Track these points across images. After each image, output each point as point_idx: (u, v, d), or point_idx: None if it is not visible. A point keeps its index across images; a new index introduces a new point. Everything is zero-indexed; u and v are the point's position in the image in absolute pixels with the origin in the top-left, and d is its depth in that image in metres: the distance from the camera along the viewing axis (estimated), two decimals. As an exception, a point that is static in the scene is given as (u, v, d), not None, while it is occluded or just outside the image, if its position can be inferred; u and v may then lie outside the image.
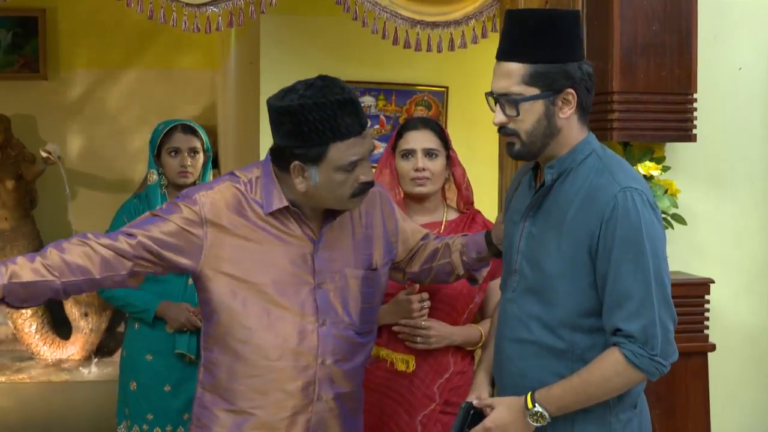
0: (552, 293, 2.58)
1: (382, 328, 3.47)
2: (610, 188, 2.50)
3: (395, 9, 4.05)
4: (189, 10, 3.90)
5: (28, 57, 7.16)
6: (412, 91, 5.29)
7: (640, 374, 2.49)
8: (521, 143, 2.58)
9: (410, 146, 3.48)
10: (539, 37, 2.53)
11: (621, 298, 2.48)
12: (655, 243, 2.49)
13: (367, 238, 2.95)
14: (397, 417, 3.47)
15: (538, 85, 2.51)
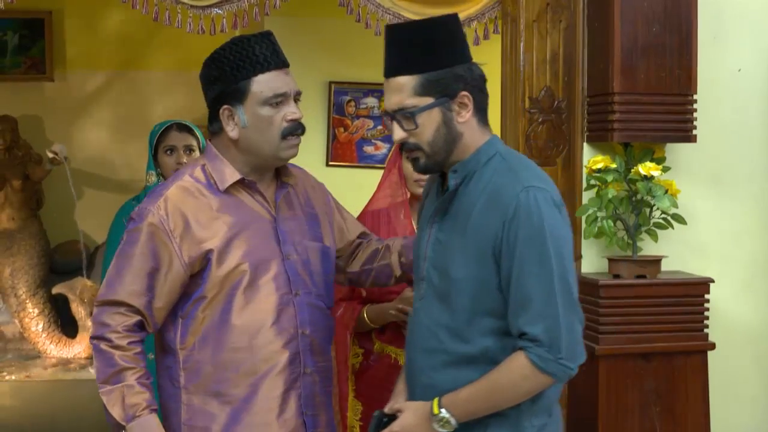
0: (459, 298, 2.49)
1: (386, 326, 3.48)
2: (512, 188, 2.43)
3: (398, 11, 4.06)
4: (194, 12, 3.91)
5: (35, 58, 7.15)
6: (415, 93, 5.27)
7: (547, 378, 2.40)
8: (425, 156, 2.52)
9: None
10: (423, 47, 2.48)
11: (524, 300, 2.40)
12: (559, 243, 2.41)
13: (312, 216, 2.97)
14: (399, 411, 3.47)
15: (432, 94, 2.46)
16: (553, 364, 2.38)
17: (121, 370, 2.69)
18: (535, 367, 2.38)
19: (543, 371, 2.38)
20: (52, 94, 7.22)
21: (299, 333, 2.81)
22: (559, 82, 3.95)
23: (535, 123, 3.94)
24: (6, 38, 7.11)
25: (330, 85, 5.14)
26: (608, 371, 3.79)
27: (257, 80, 2.72)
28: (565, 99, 3.95)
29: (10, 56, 7.14)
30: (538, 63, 3.94)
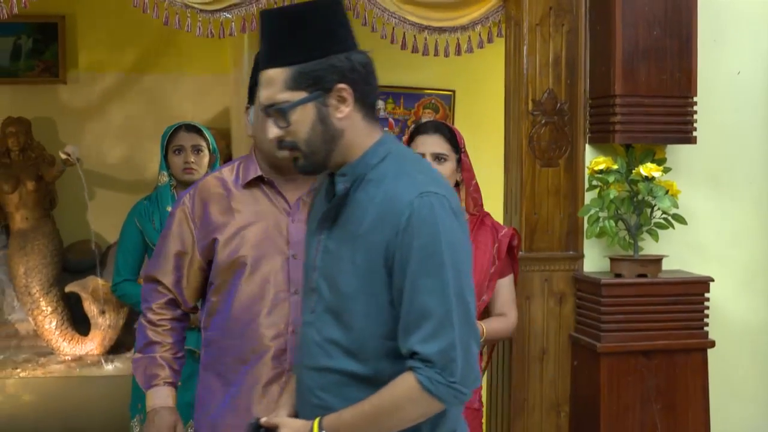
0: (350, 314, 2.22)
1: None
2: (406, 194, 2.14)
3: (403, 15, 4.06)
4: (203, 16, 3.91)
5: (48, 62, 7.16)
6: (420, 95, 5.29)
7: (437, 403, 2.12)
8: (303, 155, 2.23)
9: (419, 150, 3.49)
10: (295, 35, 2.19)
11: (418, 317, 2.11)
12: (456, 254, 2.14)
13: None
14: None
15: (304, 87, 2.17)
16: (444, 389, 2.10)
17: (150, 343, 2.91)
18: (425, 391, 2.10)
19: (431, 395, 2.10)
20: (65, 97, 7.23)
21: (289, 330, 2.83)
22: (561, 84, 3.96)
23: (538, 125, 3.95)
24: (20, 42, 7.12)
25: (337, 87, 5.13)
26: (610, 368, 3.80)
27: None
28: (567, 101, 3.96)
29: (24, 59, 7.15)
30: (541, 66, 3.95)
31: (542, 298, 3.97)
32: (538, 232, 3.97)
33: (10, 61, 7.10)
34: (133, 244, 4.30)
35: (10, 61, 7.11)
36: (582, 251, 3.99)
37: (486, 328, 3.52)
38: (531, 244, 3.96)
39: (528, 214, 3.96)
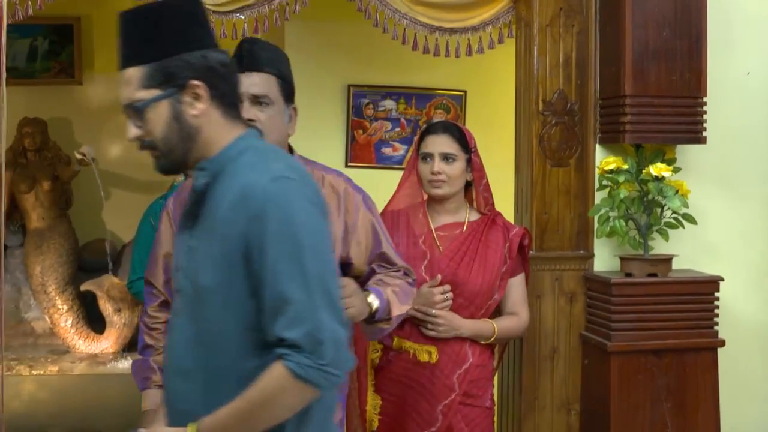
0: (209, 308, 2.15)
1: (405, 321, 3.48)
2: (259, 180, 2.09)
3: (414, 16, 4.05)
4: (216, 17, 3.91)
5: (64, 63, 7.17)
6: (432, 95, 5.27)
7: (310, 388, 2.04)
8: (162, 154, 2.18)
9: (428, 150, 3.50)
10: (148, 33, 2.15)
11: (280, 302, 2.04)
12: (314, 237, 2.08)
13: None
14: (419, 406, 3.48)
15: (157, 85, 2.12)
16: (315, 372, 2.02)
17: (145, 347, 2.95)
18: (295, 376, 2.02)
19: (304, 380, 2.02)
20: (81, 97, 7.23)
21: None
22: (572, 85, 3.95)
23: (548, 125, 3.94)
24: (36, 44, 7.13)
25: (349, 88, 5.14)
26: (620, 367, 3.78)
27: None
28: (577, 102, 3.95)
29: (41, 61, 7.16)
30: (551, 66, 3.94)
31: (553, 297, 3.96)
32: (548, 232, 3.96)
33: (26, 62, 7.11)
34: (148, 242, 4.27)
35: (27, 62, 7.12)
36: (592, 251, 3.97)
37: (497, 326, 3.52)
38: (541, 244, 3.95)
39: (538, 214, 3.95)
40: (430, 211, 3.59)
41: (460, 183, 3.52)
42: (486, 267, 3.50)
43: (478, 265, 3.49)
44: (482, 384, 3.56)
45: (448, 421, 3.47)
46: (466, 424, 3.51)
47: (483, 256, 3.51)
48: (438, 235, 3.55)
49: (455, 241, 3.53)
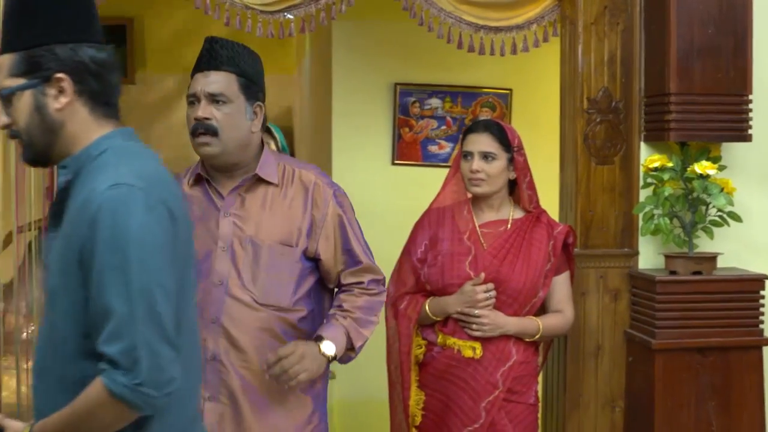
0: (57, 312, 2.07)
1: (448, 318, 3.48)
2: (101, 186, 1.98)
3: (460, 14, 4.02)
4: (263, 17, 3.91)
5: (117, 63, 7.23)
6: (478, 93, 5.24)
7: (125, 407, 1.95)
8: (25, 144, 2.13)
9: (469, 148, 3.48)
10: (22, 21, 2.08)
11: (102, 315, 1.94)
12: (144, 249, 1.96)
13: (289, 218, 2.90)
14: (462, 402, 3.46)
15: (23, 74, 2.06)
16: (129, 391, 1.93)
17: None
18: (110, 394, 1.93)
19: (118, 398, 1.93)
20: (134, 96, 7.29)
21: (209, 320, 2.82)
22: (616, 83, 3.90)
23: (593, 123, 3.89)
24: (90, 44, 7.19)
25: (395, 86, 5.12)
26: (664, 365, 3.74)
27: (193, 79, 2.89)
28: (622, 99, 3.91)
29: (94, 61, 7.22)
30: (596, 64, 3.90)
31: (597, 295, 3.92)
32: (593, 230, 3.92)
33: (81, 62, 7.18)
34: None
35: (82, 62, 7.18)
36: (637, 248, 3.93)
37: (542, 324, 3.49)
38: (586, 241, 3.91)
39: (583, 212, 3.91)
40: (474, 208, 3.57)
41: (500, 181, 3.49)
42: (529, 265, 3.47)
43: (522, 262, 3.46)
44: (526, 381, 3.53)
45: (492, 417, 3.44)
46: (510, 420, 3.49)
47: (527, 254, 3.48)
48: (482, 232, 3.53)
49: (499, 239, 3.50)
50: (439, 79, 5.19)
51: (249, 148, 2.89)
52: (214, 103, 2.80)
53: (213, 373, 2.84)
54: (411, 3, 3.98)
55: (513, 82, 5.21)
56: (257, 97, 2.88)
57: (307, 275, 2.92)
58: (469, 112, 5.21)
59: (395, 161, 5.20)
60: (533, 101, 5.23)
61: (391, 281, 3.65)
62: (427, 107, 5.18)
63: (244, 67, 2.85)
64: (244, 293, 2.83)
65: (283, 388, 2.81)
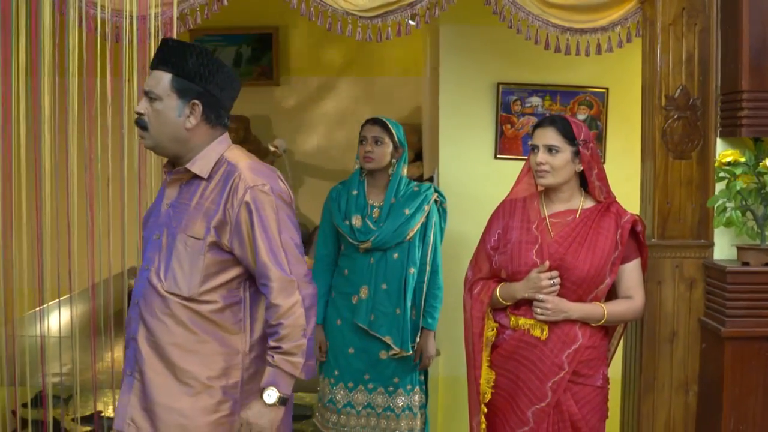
0: None
1: (520, 301, 3.42)
2: None
3: (547, 17, 3.95)
4: (362, 22, 3.94)
5: (264, 67, 7.40)
6: (575, 92, 5.12)
7: None
8: None
9: (535, 142, 3.44)
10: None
11: None
12: None
13: (205, 211, 2.84)
14: (529, 382, 3.42)
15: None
16: None
17: None
18: None
19: None
20: (279, 97, 7.47)
21: (134, 301, 2.90)
22: (694, 81, 3.75)
23: (670, 119, 3.75)
24: (241, 51, 7.40)
25: (498, 86, 5.06)
26: (733, 352, 3.57)
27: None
28: (699, 97, 3.75)
29: (244, 65, 7.43)
30: (674, 63, 3.75)
31: (673, 284, 3.77)
32: (670, 221, 3.78)
33: (232, 67, 7.38)
34: (324, 225, 4.41)
35: (233, 67, 7.40)
36: (712, 240, 3.76)
37: (607, 310, 3.40)
38: (663, 232, 3.77)
39: (661, 204, 3.77)
40: (546, 199, 3.51)
41: (565, 173, 3.41)
42: (595, 253, 3.38)
43: (586, 250, 3.37)
44: (593, 364, 3.44)
45: (557, 397, 3.39)
46: (576, 401, 3.41)
47: (592, 242, 3.39)
48: (551, 221, 3.46)
49: (566, 228, 3.43)
50: (539, 78, 5.10)
51: (187, 143, 2.83)
52: (150, 99, 2.81)
53: (131, 351, 2.90)
54: (500, 7, 3.95)
55: (609, 81, 5.06)
56: (194, 95, 2.81)
57: (225, 268, 2.84)
58: (567, 110, 5.09)
59: (497, 155, 5.15)
60: (629, 99, 5.03)
61: (469, 267, 3.65)
62: (527, 105, 5.10)
63: (183, 66, 2.79)
64: (156, 280, 2.84)
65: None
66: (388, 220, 4.26)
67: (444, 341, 5.03)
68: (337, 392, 4.37)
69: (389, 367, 4.31)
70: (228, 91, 2.87)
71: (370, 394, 4.34)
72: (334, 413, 4.38)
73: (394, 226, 4.24)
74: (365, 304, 4.27)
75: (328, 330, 4.40)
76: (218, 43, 7.29)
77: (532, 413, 3.40)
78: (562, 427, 3.41)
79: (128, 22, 3.78)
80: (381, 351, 4.29)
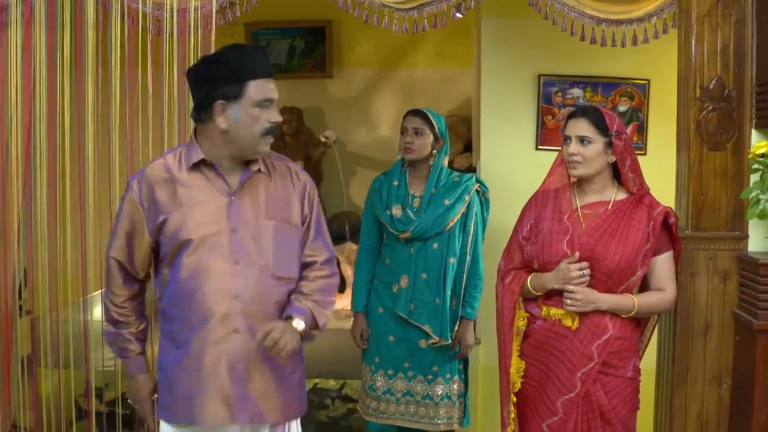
0: None
1: (551, 291, 3.37)
2: None
3: (582, 9, 3.89)
4: (398, 14, 3.93)
5: (317, 59, 7.39)
6: (617, 84, 5.01)
7: None
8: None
9: (567, 133, 3.38)
10: None
11: None
12: None
13: (283, 199, 2.96)
14: (559, 373, 3.37)
15: None
16: None
17: (116, 322, 3.01)
18: None
19: None
20: (331, 89, 7.44)
21: (232, 296, 2.83)
22: (729, 72, 3.64)
23: (705, 111, 3.63)
24: (295, 43, 7.39)
25: (539, 77, 4.97)
26: (765, 346, 3.45)
27: (253, 83, 2.80)
28: (735, 88, 3.63)
29: (298, 58, 7.41)
30: (709, 54, 3.64)
31: (707, 276, 3.66)
32: (704, 213, 3.67)
33: (286, 59, 7.42)
34: (367, 214, 4.40)
35: (287, 59, 7.41)
36: (746, 232, 3.65)
37: (638, 301, 3.34)
38: (697, 224, 3.66)
39: (695, 195, 3.66)
40: (578, 191, 3.46)
41: (597, 164, 3.34)
42: (626, 244, 3.30)
43: (617, 242, 3.30)
44: (624, 355, 3.37)
45: (587, 387, 3.34)
46: (606, 392, 3.35)
47: (624, 234, 3.31)
48: (583, 213, 3.40)
49: (598, 219, 3.36)
50: (580, 70, 5.00)
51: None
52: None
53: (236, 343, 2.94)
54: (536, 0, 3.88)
55: (651, 72, 4.95)
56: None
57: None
58: (609, 101, 4.99)
59: (539, 146, 5.07)
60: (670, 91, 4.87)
61: (502, 257, 3.61)
62: (568, 96, 5.01)
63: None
64: (263, 270, 2.97)
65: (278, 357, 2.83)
66: (427, 210, 4.23)
67: (484, 330, 4.98)
68: (377, 379, 4.36)
69: (428, 356, 4.29)
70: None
71: (410, 381, 4.32)
72: (374, 399, 4.37)
73: (433, 216, 4.21)
74: (405, 293, 4.25)
75: (369, 318, 4.39)
76: (273, 36, 7.29)
77: (561, 403, 3.35)
78: (591, 418, 3.35)
79: (168, 15, 3.80)
80: (420, 339, 4.27)
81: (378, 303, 4.37)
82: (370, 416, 4.40)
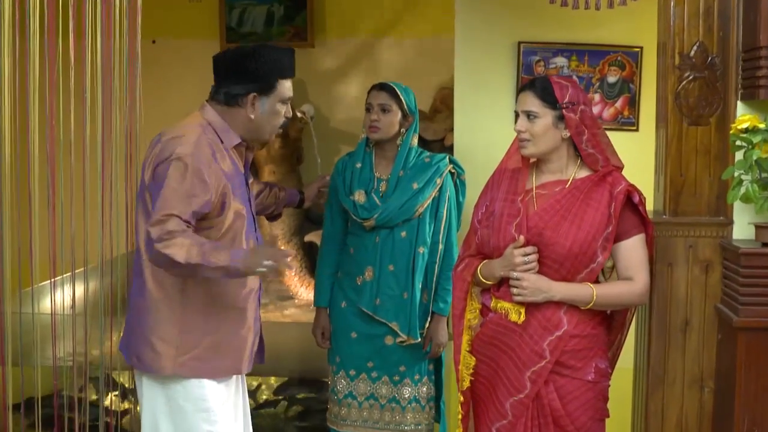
0: None
1: (502, 282, 3.26)
2: None
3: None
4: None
5: (298, 28, 7.27)
6: (605, 52, 4.81)
7: None
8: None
9: (516, 108, 3.24)
10: None
11: None
12: None
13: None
14: (509, 371, 3.26)
15: None
16: None
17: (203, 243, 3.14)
18: None
19: None
20: (313, 60, 7.31)
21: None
22: (713, 37, 3.44)
23: (685, 80, 3.44)
24: (273, 9, 7.28)
25: (519, 45, 4.79)
26: (747, 345, 3.28)
27: (282, 83, 3.28)
28: (719, 55, 3.44)
29: (276, 26, 7.31)
30: (690, 17, 3.44)
31: (686, 266, 3.48)
32: (684, 195, 3.48)
33: (264, 27, 7.30)
34: (331, 200, 4.29)
35: (264, 27, 7.32)
36: (731, 217, 3.46)
37: (596, 291, 3.17)
38: (675, 208, 3.48)
39: (673, 175, 3.48)
40: (537, 170, 3.31)
41: (549, 140, 3.19)
42: (580, 227, 3.14)
43: (570, 224, 3.15)
44: (583, 355, 3.23)
45: (537, 388, 3.18)
46: (561, 396, 3.20)
47: (579, 215, 3.15)
48: (537, 193, 3.26)
49: (551, 200, 3.20)
50: (564, 37, 4.81)
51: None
52: None
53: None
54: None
55: (644, 39, 4.72)
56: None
57: None
58: (597, 71, 4.79)
59: (518, 121, 4.88)
60: (665, 60, 4.77)
61: (461, 244, 3.48)
62: (551, 66, 4.82)
63: None
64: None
65: None
66: (394, 195, 4.09)
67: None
68: (338, 381, 4.24)
69: (395, 354, 4.17)
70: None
71: (374, 383, 4.20)
72: (336, 404, 4.25)
73: (400, 202, 4.07)
74: (370, 286, 4.13)
75: (332, 313, 4.28)
76: (248, 3, 7.17)
77: (510, 405, 3.22)
78: (543, 423, 3.21)
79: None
80: (387, 336, 4.13)
81: (341, 297, 4.24)
82: (332, 423, 4.28)
